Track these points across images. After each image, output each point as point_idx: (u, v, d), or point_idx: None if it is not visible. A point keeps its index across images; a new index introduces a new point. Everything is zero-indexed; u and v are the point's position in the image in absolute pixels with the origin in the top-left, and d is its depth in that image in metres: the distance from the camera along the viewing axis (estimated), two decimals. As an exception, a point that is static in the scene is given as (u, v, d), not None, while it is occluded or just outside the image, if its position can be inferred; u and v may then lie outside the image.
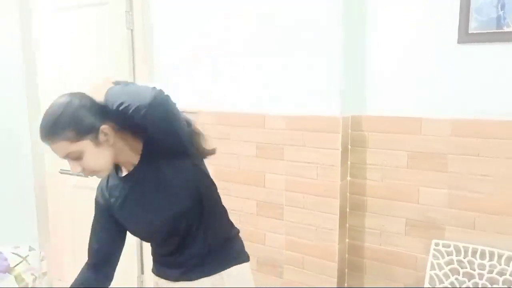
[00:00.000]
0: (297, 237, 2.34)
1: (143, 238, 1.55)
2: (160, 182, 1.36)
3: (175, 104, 1.29)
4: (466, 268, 1.99)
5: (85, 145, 1.25)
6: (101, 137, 1.27)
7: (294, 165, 2.30)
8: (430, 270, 2.04)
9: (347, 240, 2.30)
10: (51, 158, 3.12)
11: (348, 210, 2.28)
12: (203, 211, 1.42)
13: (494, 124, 1.90)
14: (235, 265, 1.53)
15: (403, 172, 2.11)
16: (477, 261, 1.97)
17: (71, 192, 3.07)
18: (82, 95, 1.28)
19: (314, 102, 2.20)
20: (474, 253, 1.98)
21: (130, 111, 1.19)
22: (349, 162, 2.24)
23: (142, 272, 2.92)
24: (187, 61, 2.61)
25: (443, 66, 1.99)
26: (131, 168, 1.39)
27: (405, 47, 2.08)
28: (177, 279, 1.52)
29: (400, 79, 2.10)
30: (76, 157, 1.26)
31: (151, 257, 2.89)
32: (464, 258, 1.99)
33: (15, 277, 1.79)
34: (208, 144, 1.48)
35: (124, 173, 1.43)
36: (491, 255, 1.94)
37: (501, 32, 1.86)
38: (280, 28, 2.25)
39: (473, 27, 1.90)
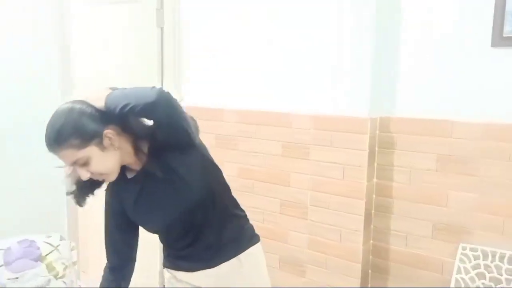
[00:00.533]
0: (320, 237, 2.34)
1: (161, 234, 1.56)
2: (171, 178, 1.38)
3: (176, 100, 1.32)
4: (493, 273, 1.98)
5: (91, 150, 1.27)
6: (106, 141, 1.29)
7: (320, 165, 2.30)
8: (456, 274, 2.03)
9: (371, 241, 2.30)
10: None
11: (373, 211, 2.28)
12: (214, 198, 1.46)
13: (526, 128, 1.89)
14: (250, 246, 1.58)
15: (432, 175, 2.10)
16: (505, 266, 1.95)
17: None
18: (82, 102, 1.30)
19: (341, 102, 2.21)
20: (501, 258, 1.96)
21: (137, 110, 1.23)
22: (376, 164, 2.24)
23: (164, 267, 2.94)
24: (214, 59, 2.64)
25: (476, 69, 1.98)
26: (138, 169, 1.41)
27: (437, 49, 2.07)
28: (197, 269, 1.54)
29: (431, 81, 2.09)
30: (83, 163, 1.28)
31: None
32: (492, 263, 1.98)
33: (47, 266, 1.83)
34: None
35: (132, 174, 1.44)
36: (520, 260, 1.93)
37: (536, 36, 1.85)
38: (309, 27, 2.26)
39: (508, 30, 1.89)
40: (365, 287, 2.29)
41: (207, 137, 2.67)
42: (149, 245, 2.96)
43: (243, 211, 1.64)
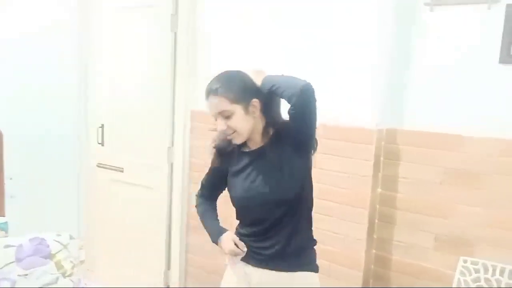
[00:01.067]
0: (324, 244, 2.35)
1: (241, 211, 1.66)
2: (277, 167, 1.54)
3: (316, 101, 1.48)
4: (493, 286, 1.99)
5: (237, 109, 1.49)
6: (251, 108, 1.51)
7: (325, 173, 2.33)
8: (457, 287, 2.05)
9: (374, 251, 2.33)
10: (92, 152, 3.24)
11: (376, 221, 2.31)
12: (299, 207, 1.58)
13: (533, 145, 1.91)
14: (308, 271, 1.64)
15: (436, 188, 2.12)
16: (505, 280, 1.97)
17: (108, 186, 3.17)
18: (246, 74, 1.57)
19: (349, 112, 2.24)
20: (502, 272, 1.98)
21: (279, 91, 1.46)
22: (380, 174, 2.26)
23: (169, 268, 2.99)
24: (227, 65, 2.66)
25: (484, 85, 2.01)
26: (253, 147, 1.59)
27: (446, 63, 2.10)
28: (252, 262, 1.64)
29: (439, 95, 2.12)
30: (226, 116, 1.50)
31: (178, 254, 2.97)
32: (492, 277, 2.00)
33: (55, 264, 1.88)
34: None
35: (247, 149, 1.62)
36: (520, 276, 1.94)
37: (544, 55, 1.87)
38: (321, 37, 2.29)
39: (516, 48, 1.91)
40: (366, 295, 2.32)
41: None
42: (154, 246, 3.02)
43: (314, 239, 1.71)
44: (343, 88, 2.25)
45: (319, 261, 2.34)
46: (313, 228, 1.70)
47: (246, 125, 1.52)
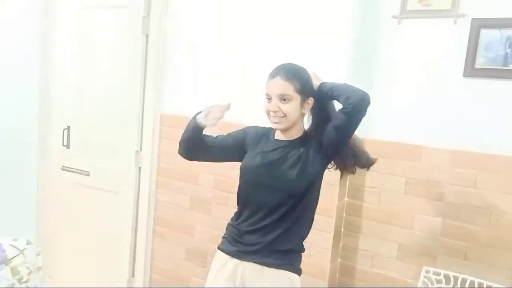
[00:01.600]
0: (290, 252, 2.36)
1: (246, 180, 1.71)
2: (296, 161, 1.61)
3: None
4: (455, 297, 2.02)
5: (296, 98, 1.60)
6: (306, 104, 1.63)
7: (293, 182, 2.32)
8: (419, 296, 2.07)
9: (339, 259, 2.33)
10: (56, 155, 3.15)
11: (342, 230, 2.31)
12: (298, 208, 1.63)
13: (493, 158, 1.95)
14: (292, 272, 1.67)
15: (400, 198, 2.14)
16: (466, 291, 2.00)
17: (71, 190, 3.09)
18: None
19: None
20: (463, 283, 2.00)
21: (337, 94, 1.55)
22: (347, 183, 2.27)
23: (133, 275, 2.93)
24: (196, 69, 2.65)
25: (448, 97, 2.04)
26: (286, 138, 1.68)
27: (412, 76, 2.13)
28: (242, 255, 1.67)
29: (405, 107, 2.15)
30: (284, 100, 1.59)
31: (143, 261, 2.90)
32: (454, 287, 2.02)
33: (11, 269, 1.81)
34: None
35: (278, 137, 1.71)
36: (481, 286, 1.97)
37: (507, 69, 1.92)
38: (289, 46, 2.29)
39: (480, 62, 1.96)
40: (330, 304, 2.31)
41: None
42: (118, 253, 2.96)
43: (303, 249, 1.74)
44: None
45: (284, 270, 2.36)
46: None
47: (295, 115, 1.62)
